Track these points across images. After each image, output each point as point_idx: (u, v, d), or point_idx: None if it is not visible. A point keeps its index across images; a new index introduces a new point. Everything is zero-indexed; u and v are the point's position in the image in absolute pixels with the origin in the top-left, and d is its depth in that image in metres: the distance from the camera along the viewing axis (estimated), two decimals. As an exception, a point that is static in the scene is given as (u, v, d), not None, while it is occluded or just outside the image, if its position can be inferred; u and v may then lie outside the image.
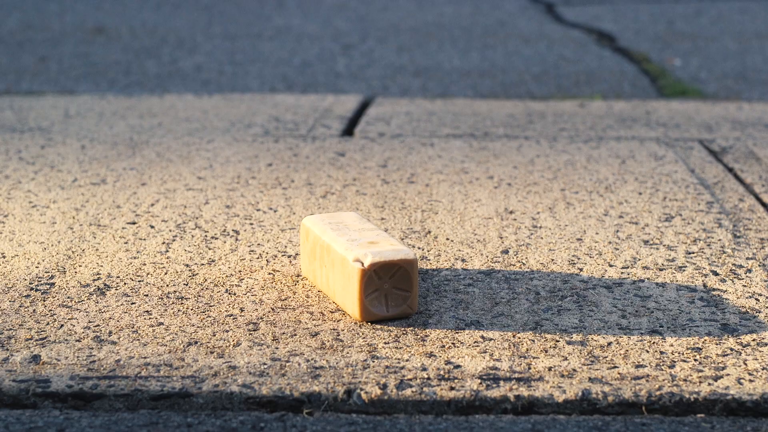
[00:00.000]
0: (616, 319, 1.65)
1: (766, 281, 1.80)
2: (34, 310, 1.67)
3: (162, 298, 1.72)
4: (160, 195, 2.21)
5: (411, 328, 1.61)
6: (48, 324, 1.62)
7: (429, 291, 1.75)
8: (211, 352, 1.53)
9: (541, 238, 1.99)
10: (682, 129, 2.75)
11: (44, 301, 1.70)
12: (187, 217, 2.09)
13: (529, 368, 1.50)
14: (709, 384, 1.46)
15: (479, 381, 1.46)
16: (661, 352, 1.54)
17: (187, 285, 1.77)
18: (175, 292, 1.74)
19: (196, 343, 1.56)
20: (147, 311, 1.67)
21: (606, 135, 2.74)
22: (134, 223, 2.05)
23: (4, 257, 1.88)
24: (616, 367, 1.50)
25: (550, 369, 1.50)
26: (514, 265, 1.85)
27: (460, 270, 1.83)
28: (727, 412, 1.43)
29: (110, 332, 1.60)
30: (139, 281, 1.78)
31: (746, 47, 4.39)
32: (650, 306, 1.70)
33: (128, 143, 2.60)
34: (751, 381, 1.47)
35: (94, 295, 1.73)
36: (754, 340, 1.59)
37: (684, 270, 1.84)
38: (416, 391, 1.44)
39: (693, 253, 1.92)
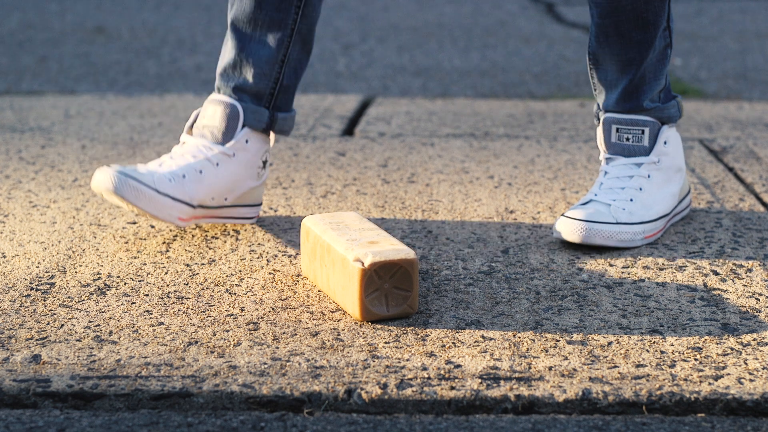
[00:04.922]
0: (616, 319, 1.65)
1: (766, 281, 1.80)
2: (35, 309, 1.67)
3: (162, 298, 1.72)
4: (161, 195, 2.21)
5: (411, 328, 1.61)
6: (48, 324, 1.62)
7: (429, 290, 1.75)
8: (212, 352, 1.53)
9: (542, 237, 1.99)
10: (682, 128, 2.75)
11: (44, 300, 1.70)
12: (188, 216, 2.08)
13: (530, 368, 1.50)
14: (710, 384, 1.46)
15: (479, 380, 1.46)
16: (662, 352, 1.54)
17: (187, 285, 1.77)
18: (175, 291, 1.74)
19: (196, 342, 1.56)
20: (147, 311, 1.67)
21: (606, 135, 2.73)
22: (134, 223, 2.05)
23: (4, 257, 1.88)
24: (616, 366, 1.50)
25: (550, 368, 1.50)
26: (514, 265, 1.85)
27: (461, 270, 1.83)
28: (727, 411, 1.43)
29: (111, 332, 1.60)
30: (140, 281, 1.78)
31: (746, 47, 4.39)
32: (650, 305, 1.70)
33: (128, 143, 2.60)
34: (751, 380, 1.47)
35: (95, 295, 1.73)
36: (754, 339, 1.59)
37: (684, 270, 1.84)
38: (416, 391, 1.44)
39: (693, 252, 1.92)
